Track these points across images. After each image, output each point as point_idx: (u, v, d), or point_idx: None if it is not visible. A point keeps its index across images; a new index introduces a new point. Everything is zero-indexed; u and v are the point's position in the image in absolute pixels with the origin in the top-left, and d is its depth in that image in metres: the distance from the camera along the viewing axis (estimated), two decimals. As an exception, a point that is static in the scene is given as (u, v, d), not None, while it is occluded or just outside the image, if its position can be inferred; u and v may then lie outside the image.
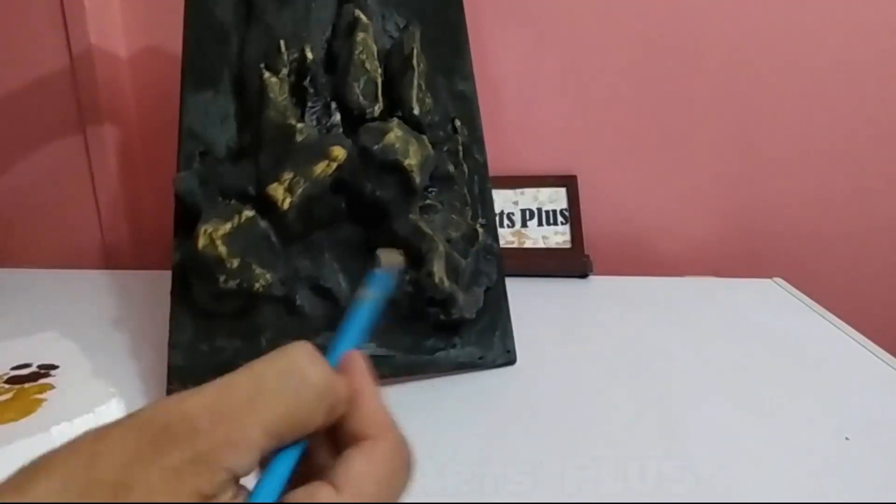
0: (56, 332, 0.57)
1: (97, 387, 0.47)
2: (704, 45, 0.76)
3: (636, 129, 0.79)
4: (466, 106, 0.53)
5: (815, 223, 0.81)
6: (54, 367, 0.50)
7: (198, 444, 0.15)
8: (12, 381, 0.48)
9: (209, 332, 0.45)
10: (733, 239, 0.82)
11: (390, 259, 0.27)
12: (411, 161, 0.46)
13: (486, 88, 0.80)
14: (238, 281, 0.43)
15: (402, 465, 0.19)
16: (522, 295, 0.66)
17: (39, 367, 0.50)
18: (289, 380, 0.17)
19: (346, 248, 0.48)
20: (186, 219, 0.45)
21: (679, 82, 0.77)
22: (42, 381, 0.48)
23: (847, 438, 0.42)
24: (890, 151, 0.77)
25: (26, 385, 0.47)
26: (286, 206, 0.44)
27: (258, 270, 0.44)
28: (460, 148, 0.53)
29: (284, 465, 0.17)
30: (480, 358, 0.51)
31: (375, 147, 0.45)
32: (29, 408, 0.44)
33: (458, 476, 0.37)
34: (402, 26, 0.52)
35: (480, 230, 0.52)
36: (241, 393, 0.16)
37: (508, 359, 0.52)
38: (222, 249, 0.42)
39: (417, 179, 0.46)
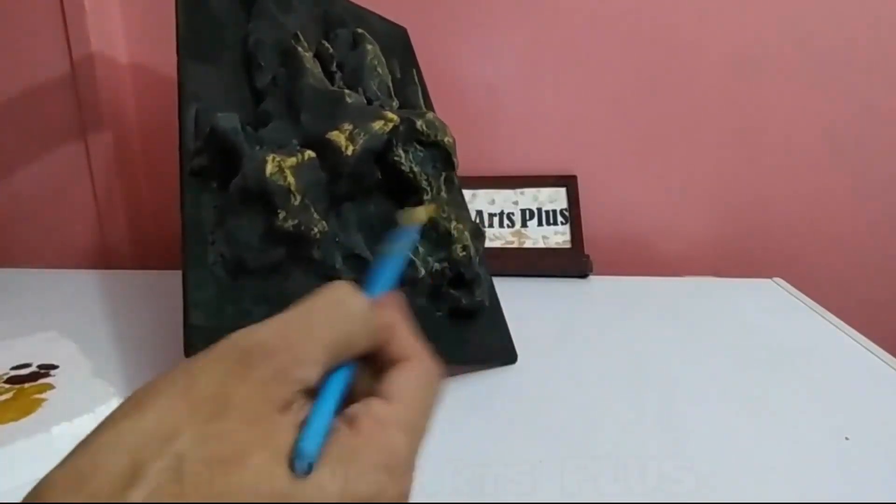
0: (56, 332, 0.57)
1: (97, 387, 0.47)
2: (704, 45, 0.76)
3: (636, 129, 0.79)
4: None
5: (815, 223, 0.81)
6: (54, 367, 0.50)
7: (274, 362, 0.18)
8: (12, 381, 0.48)
9: (234, 293, 0.41)
10: (733, 239, 0.82)
11: (415, 215, 0.31)
12: (449, 139, 0.49)
13: (487, 88, 0.80)
14: (297, 221, 0.41)
15: (435, 380, 0.22)
16: (522, 295, 0.66)
17: (39, 367, 0.50)
18: (337, 309, 0.21)
19: (371, 225, 0.47)
20: (213, 166, 0.43)
21: (679, 82, 0.77)
22: (42, 381, 0.48)
23: (847, 438, 0.42)
24: (889, 151, 0.77)
25: (26, 385, 0.47)
26: (349, 152, 0.43)
27: (316, 215, 0.42)
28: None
29: (339, 384, 0.20)
30: (480, 357, 0.51)
31: (419, 121, 0.46)
32: (29, 408, 0.44)
33: (458, 476, 0.37)
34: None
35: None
36: (299, 323, 0.20)
37: (508, 358, 0.52)
38: (291, 180, 0.40)
39: (454, 157, 0.49)
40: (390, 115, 0.46)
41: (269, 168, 0.40)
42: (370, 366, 0.22)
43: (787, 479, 0.38)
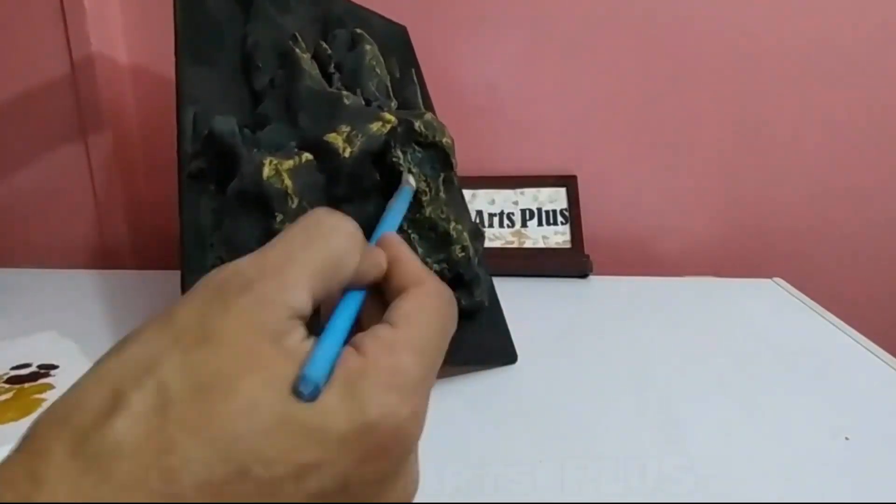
0: (56, 332, 0.57)
1: (97, 387, 0.47)
2: (704, 45, 0.76)
3: (636, 129, 0.79)
4: None
5: (815, 223, 0.81)
6: (54, 367, 0.50)
7: (255, 290, 0.17)
8: (12, 380, 0.48)
9: None
10: (733, 239, 0.82)
11: (410, 179, 0.41)
12: (447, 140, 0.48)
13: (486, 88, 0.80)
14: None
15: (445, 302, 0.21)
16: (522, 295, 0.66)
17: (39, 367, 0.50)
18: (315, 230, 0.20)
19: (370, 226, 0.47)
20: (211, 168, 0.43)
21: (679, 82, 0.77)
22: (42, 380, 0.48)
23: (847, 438, 0.42)
24: (889, 151, 0.77)
25: (26, 385, 0.47)
26: (347, 154, 0.43)
27: None
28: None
29: (349, 310, 0.19)
30: (480, 357, 0.51)
31: (417, 122, 0.46)
32: (29, 408, 0.44)
33: (458, 476, 0.37)
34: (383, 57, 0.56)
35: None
36: (277, 251, 0.19)
37: (508, 358, 0.52)
38: (288, 183, 0.40)
39: (453, 157, 0.48)
40: (388, 116, 0.46)
41: (267, 171, 0.40)
42: (378, 302, 0.21)
43: (787, 479, 0.38)
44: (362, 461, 0.17)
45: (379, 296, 0.22)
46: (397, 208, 0.31)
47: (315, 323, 0.19)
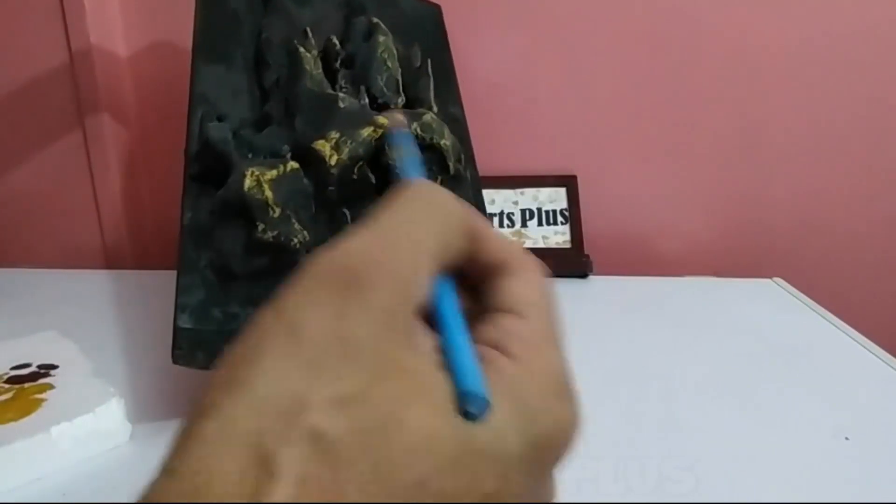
0: (56, 332, 0.57)
1: (97, 387, 0.47)
2: (704, 45, 0.76)
3: (636, 129, 0.79)
4: (458, 128, 0.56)
5: (815, 223, 0.81)
6: (54, 367, 0.50)
7: (393, 280, 0.14)
8: (12, 380, 0.48)
9: (223, 297, 0.42)
10: (733, 239, 0.82)
11: (397, 119, 0.30)
12: (446, 142, 0.48)
13: (487, 88, 0.80)
14: (276, 233, 0.41)
15: (548, 281, 0.19)
16: (522, 295, 0.66)
17: (39, 367, 0.50)
18: (433, 209, 0.17)
19: None
20: (210, 172, 0.43)
21: (679, 82, 0.77)
22: (42, 380, 0.48)
23: (847, 438, 0.42)
24: (890, 151, 0.77)
25: (26, 385, 0.47)
26: (333, 161, 0.43)
27: (297, 226, 0.42)
28: (463, 154, 0.54)
29: (453, 302, 0.17)
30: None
31: (414, 124, 0.46)
32: (29, 408, 0.44)
33: (458, 476, 0.37)
34: (405, 44, 0.55)
35: None
36: (400, 229, 0.16)
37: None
38: (269, 194, 0.41)
39: (451, 161, 0.48)
40: (381, 120, 0.45)
41: (248, 183, 0.41)
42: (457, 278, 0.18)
43: (788, 480, 0.38)
44: (538, 476, 0.16)
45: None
46: (410, 157, 0.23)
47: None
